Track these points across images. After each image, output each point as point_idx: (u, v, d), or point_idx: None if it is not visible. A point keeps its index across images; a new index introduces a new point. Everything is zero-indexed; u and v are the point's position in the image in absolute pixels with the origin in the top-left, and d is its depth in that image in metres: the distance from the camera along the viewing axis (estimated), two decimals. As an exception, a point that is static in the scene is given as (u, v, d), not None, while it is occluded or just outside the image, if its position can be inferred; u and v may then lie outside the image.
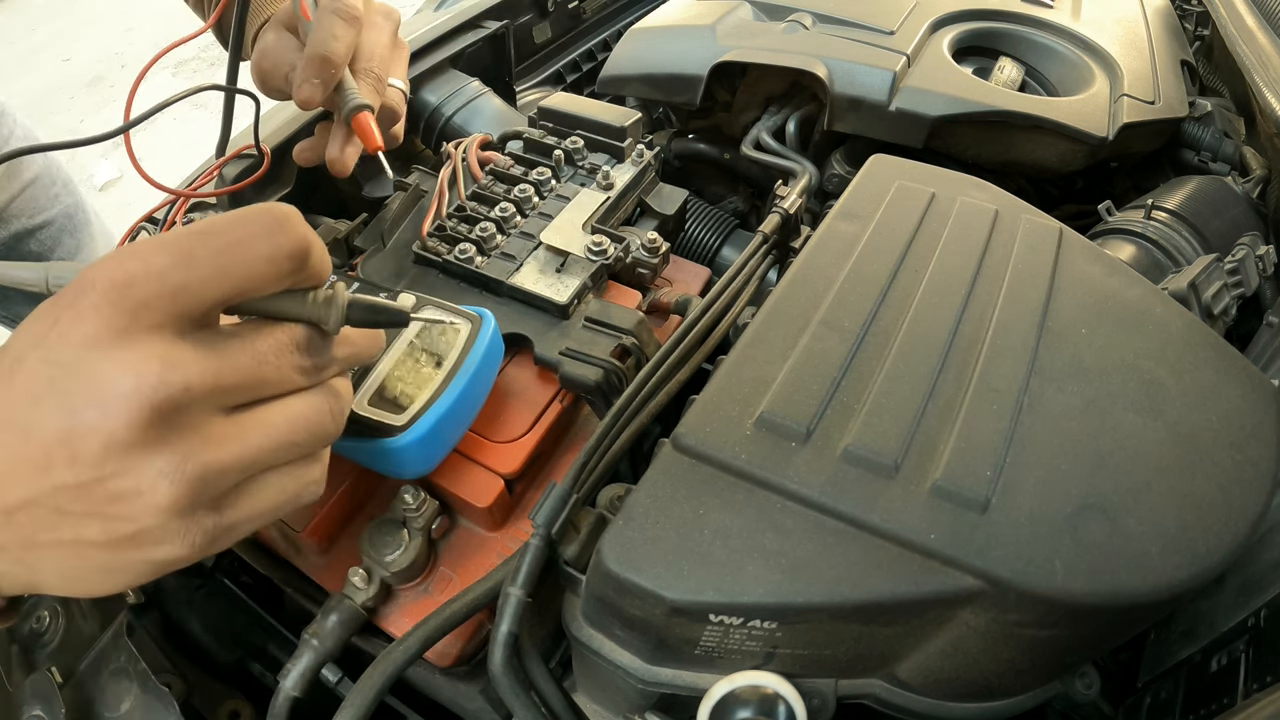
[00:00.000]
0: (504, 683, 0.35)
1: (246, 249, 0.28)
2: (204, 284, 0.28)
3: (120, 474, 0.27)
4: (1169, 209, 0.63)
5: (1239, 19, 0.79)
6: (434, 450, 0.42)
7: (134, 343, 0.26)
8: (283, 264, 0.29)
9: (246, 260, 0.28)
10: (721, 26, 0.76)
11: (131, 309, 0.27)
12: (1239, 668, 0.38)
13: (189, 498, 0.28)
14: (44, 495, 0.27)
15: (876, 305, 0.41)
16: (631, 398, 0.42)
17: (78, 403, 0.26)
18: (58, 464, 0.27)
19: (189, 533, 0.28)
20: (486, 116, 0.75)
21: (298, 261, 0.29)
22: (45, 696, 0.42)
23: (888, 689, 0.38)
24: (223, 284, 0.28)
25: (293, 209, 0.30)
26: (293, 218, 0.30)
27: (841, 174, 0.73)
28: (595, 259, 0.51)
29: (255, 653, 0.55)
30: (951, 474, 0.34)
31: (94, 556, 0.29)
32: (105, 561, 0.29)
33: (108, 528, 0.28)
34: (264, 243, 0.29)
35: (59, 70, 3.38)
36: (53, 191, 0.97)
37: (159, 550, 0.29)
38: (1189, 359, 0.39)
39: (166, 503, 0.27)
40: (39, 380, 0.27)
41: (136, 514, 0.27)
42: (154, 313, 0.27)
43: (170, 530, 0.28)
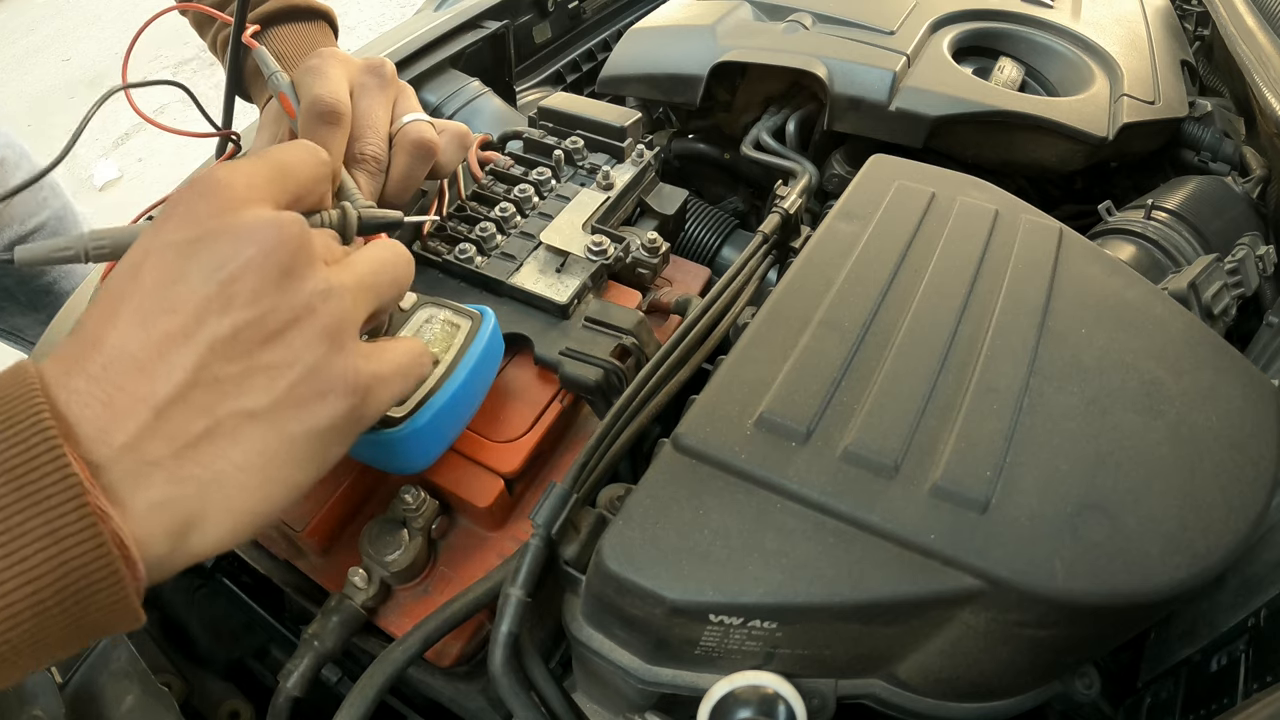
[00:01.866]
0: (504, 683, 0.35)
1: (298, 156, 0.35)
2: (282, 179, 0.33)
3: (276, 308, 0.29)
4: (1169, 209, 0.63)
5: (1239, 19, 0.79)
6: (433, 444, 0.42)
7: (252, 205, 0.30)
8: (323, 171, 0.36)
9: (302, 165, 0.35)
10: (721, 26, 0.76)
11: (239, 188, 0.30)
12: (1239, 668, 0.38)
13: (338, 321, 0.30)
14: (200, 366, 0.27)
15: (876, 305, 0.41)
16: (631, 398, 0.42)
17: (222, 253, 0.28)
18: (211, 316, 0.28)
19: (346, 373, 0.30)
20: (486, 116, 0.75)
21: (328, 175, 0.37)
22: (45, 696, 0.42)
23: (888, 689, 0.38)
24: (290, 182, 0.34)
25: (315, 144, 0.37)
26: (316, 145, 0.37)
27: (841, 174, 0.73)
28: (595, 259, 0.51)
29: (255, 653, 0.55)
30: (951, 474, 0.34)
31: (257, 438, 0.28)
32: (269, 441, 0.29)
33: (269, 382, 0.28)
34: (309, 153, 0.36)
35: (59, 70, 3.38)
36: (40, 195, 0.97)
37: (323, 406, 0.30)
38: (1189, 359, 0.39)
39: (322, 325, 0.30)
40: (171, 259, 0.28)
41: (297, 351, 0.29)
42: (259, 191, 0.31)
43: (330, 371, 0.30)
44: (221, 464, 0.28)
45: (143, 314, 0.28)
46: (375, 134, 0.48)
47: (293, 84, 0.49)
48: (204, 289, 0.28)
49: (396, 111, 0.51)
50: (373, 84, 0.50)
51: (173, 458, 0.27)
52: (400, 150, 0.49)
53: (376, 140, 0.48)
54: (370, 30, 3.43)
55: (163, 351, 0.27)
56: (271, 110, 0.53)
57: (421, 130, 0.50)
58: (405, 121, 0.50)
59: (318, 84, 0.47)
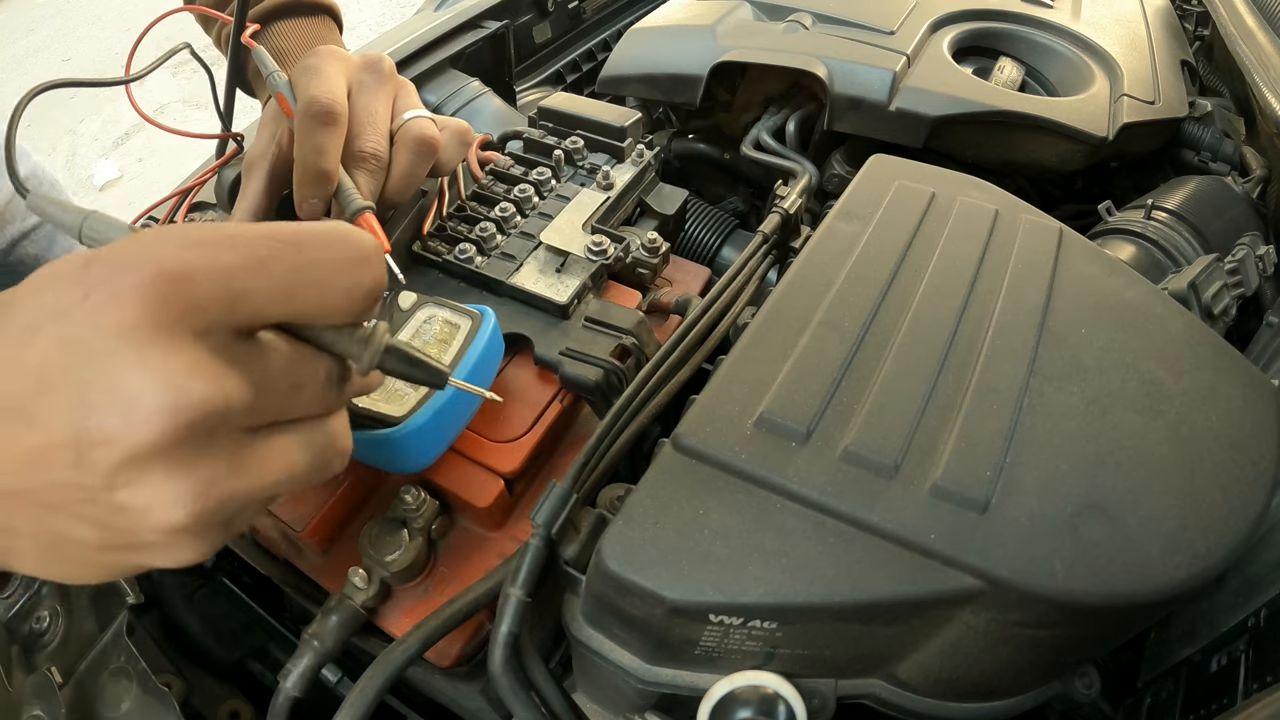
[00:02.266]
0: (504, 683, 0.35)
1: (327, 274, 0.26)
2: (269, 299, 0.25)
3: (131, 488, 0.24)
4: (1169, 209, 0.63)
5: (1239, 19, 0.79)
6: (433, 443, 0.42)
7: (176, 348, 0.23)
8: (358, 302, 0.27)
9: (323, 286, 0.26)
10: (721, 26, 0.76)
11: (182, 308, 0.23)
12: (1239, 668, 0.38)
13: (203, 523, 0.25)
14: (35, 490, 0.24)
15: (876, 305, 0.41)
16: (631, 398, 0.42)
17: (98, 403, 0.23)
18: (59, 464, 0.23)
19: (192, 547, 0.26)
20: (486, 116, 0.75)
21: (372, 302, 0.27)
22: (45, 696, 0.42)
23: (888, 689, 0.38)
24: (289, 305, 0.26)
25: (374, 241, 0.28)
26: (377, 253, 0.27)
27: (841, 174, 0.73)
28: (595, 259, 0.51)
29: (255, 653, 0.55)
30: (951, 474, 0.34)
31: (79, 554, 0.27)
32: (91, 558, 0.27)
33: (103, 535, 0.25)
34: (347, 274, 0.26)
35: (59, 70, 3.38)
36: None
37: (155, 558, 0.27)
38: (1189, 359, 0.39)
39: (178, 526, 0.25)
40: (54, 363, 0.23)
41: (139, 529, 0.25)
42: (205, 317, 0.24)
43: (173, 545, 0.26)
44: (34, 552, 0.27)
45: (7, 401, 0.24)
46: (375, 131, 0.48)
47: (290, 83, 0.49)
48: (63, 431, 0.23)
49: (397, 108, 0.51)
50: (371, 81, 0.49)
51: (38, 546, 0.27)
52: (401, 147, 0.49)
53: (376, 138, 0.48)
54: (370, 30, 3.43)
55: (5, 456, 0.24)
56: (271, 109, 0.53)
57: (423, 127, 0.49)
58: (406, 118, 0.50)
59: (314, 83, 0.47)
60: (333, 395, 0.29)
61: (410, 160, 0.49)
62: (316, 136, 0.45)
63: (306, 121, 0.46)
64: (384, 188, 0.49)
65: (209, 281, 0.24)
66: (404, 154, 0.49)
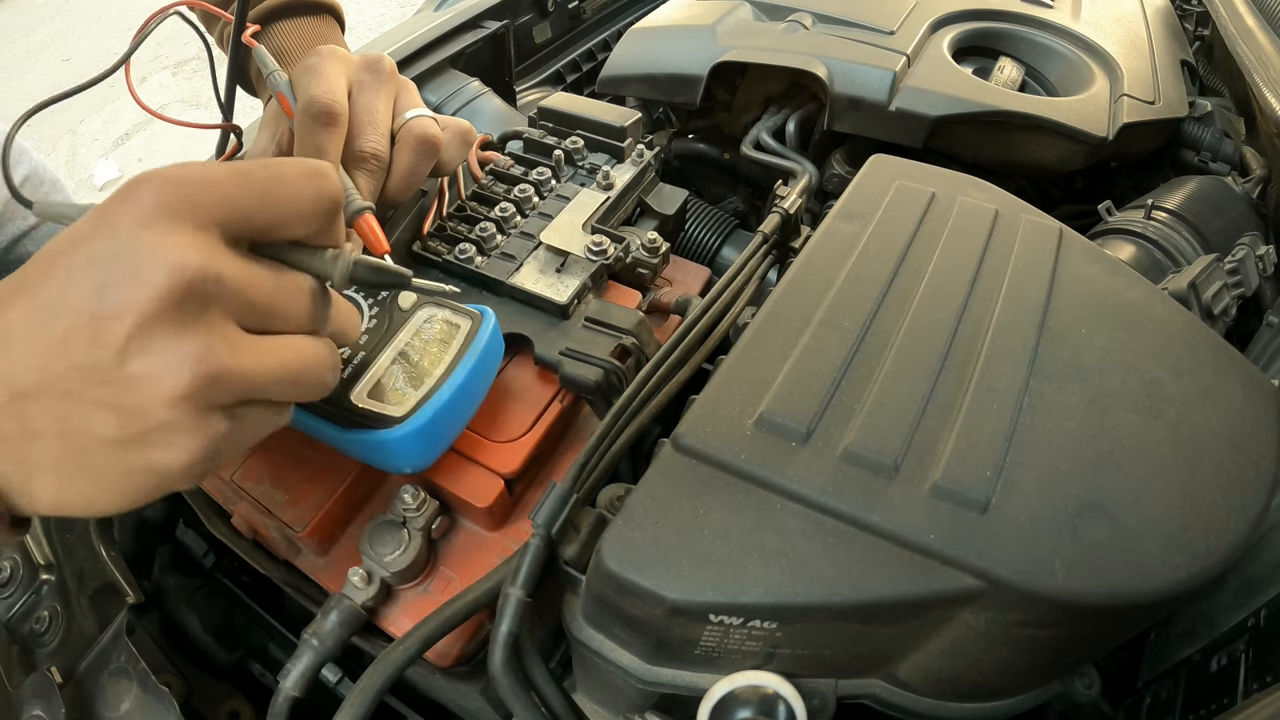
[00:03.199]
0: (504, 683, 0.35)
1: (295, 186, 0.31)
2: (252, 205, 0.30)
3: (141, 354, 0.27)
4: (1169, 209, 0.63)
5: (1239, 19, 0.79)
6: (432, 444, 0.42)
7: (179, 231, 0.28)
8: (321, 207, 0.32)
9: (293, 196, 0.31)
10: (721, 26, 0.76)
11: (186, 202, 0.28)
12: (1239, 668, 0.38)
13: (203, 392, 0.28)
14: (58, 379, 0.27)
15: (876, 305, 0.41)
16: (631, 398, 0.42)
17: (113, 278, 0.27)
18: (79, 343, 0.27)
19: (194, 434, 0.29)
20: (486, 116, 0.75)
21: (332, 211, 0.32)
22: (45, 696, 0.42)
23: (888, 689, 0.38)
24: (268, 212, 0.30)
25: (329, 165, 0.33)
26: (331, 172, 0.33)
27: (841, 174, 0.73)
28: (595, 259, 0.51)
29: (255, 653, 0.55)
30: (951, 474, 0.34)
31: (97, 456, 0.29)
32: (107, 463, 0.29)
33: (118, 419, 0.28)
34: (309, 185, 0.31)
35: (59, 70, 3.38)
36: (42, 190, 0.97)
37: (163, 453, 0.29)
38: (1189, 359, 0.39)
39: (181, 391, 0.27)
40: (77, 262, 0.28)
41: (149, 402, 0.28)
42: (205, 213, 0.29)
43: (177, 427, 0.28)
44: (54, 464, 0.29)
45: (36, 303, 0.28)
46: (375, 131, 0.48)
47: (290, 83, 0.49)
48: (83, 310, 0.27)
49: (398, 107, 0.50)
50: (371, 80, 0.49)
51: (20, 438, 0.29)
52: (403, 146, 0.49)
53: (376, 137, 0.48)
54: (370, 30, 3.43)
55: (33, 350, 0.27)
56: (272, 109, 0.53)
57: (425, 126, 0.49)
58: (408, 117, 0.50)
59: (314, 84, 0.47)
60: (316, 312, 0.33)
61: (411, 159, 0.49)
62: (316, 137, 0.45)
63: (306, 121, 0.46)
64: (385, 187, 0.49)
65: (204, 186, 0.29)
66: (405, 153, 0.49)
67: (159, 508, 0.57)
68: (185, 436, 0.29)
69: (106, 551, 0.49)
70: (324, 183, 0.32)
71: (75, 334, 0.27)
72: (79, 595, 0.48)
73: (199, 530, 0.56)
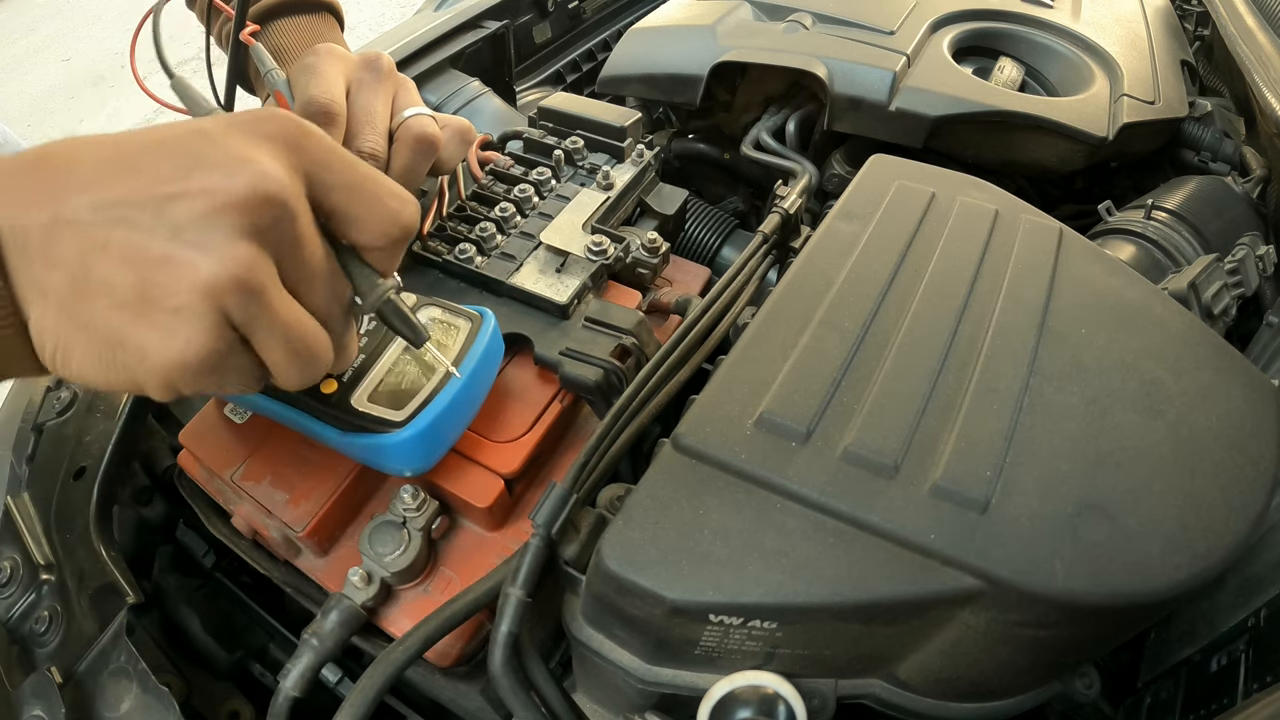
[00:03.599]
0: (504, 683, 0.35)
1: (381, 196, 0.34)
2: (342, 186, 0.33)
3: (198, 236, 0.28)
4: (1169, 209, 0.63)
5: (1239, 19, 0.79)
6: (433, 447, 0.42)
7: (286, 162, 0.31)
8: (391, 231, 0.35)
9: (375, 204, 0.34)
10: (721, 26, 0.76)
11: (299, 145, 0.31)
12: (1239, 668, 0.38)
13: (230, 297, 0.29)
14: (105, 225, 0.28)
15: (876, 305, 0.41)
16: (631, 398, 0.42)
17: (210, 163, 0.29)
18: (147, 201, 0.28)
19: (198, 333, 0.29)
20: (486, 116, 0.75)
21: (399, 238, 0.35)
22: (45, 696, 0.42)
23: (888, 689, 0.38)
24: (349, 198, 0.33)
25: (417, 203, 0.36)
26: (416, 208, 0.36)
27: (841, 174, 0.73)
28: (595, 259, 0.51)
29: (255, 653, 0.55)
30: (951, 474, 0.34)
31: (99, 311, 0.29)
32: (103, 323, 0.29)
33: (139, 285, 0.28)
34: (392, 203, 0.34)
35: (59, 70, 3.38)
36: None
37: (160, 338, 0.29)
38: (1189, 359, 0.39)
39: (214, 284, 0.28)
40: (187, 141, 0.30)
41: (178, 282, 0.28)
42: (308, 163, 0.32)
43: (187, 317, 0.29)
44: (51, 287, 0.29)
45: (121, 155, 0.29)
46: (373, 130, 0.48)
47: (289, 82, 0.49)
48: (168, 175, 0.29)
49: (397, 106, 0.50)
50: (370, 79, 0.49)
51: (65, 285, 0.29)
52: (401, 145, 0.49)
53: (374, 137, 0.48)
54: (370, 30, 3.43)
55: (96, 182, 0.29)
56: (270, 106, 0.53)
57: (423, 125, 0.49)
58: (406, 116, 0.49)
59: (312, 83, 0.47)
60: (338, 313, 0.35)
61: (410, 158, 0.49)
62: None
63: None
64: None
65: (318, 144, 0.32)
66: (403, 152, 0.49)
67: (159, 508, 0.57)
68: (189, 330, 0.29)
69: (106, 551, 0.49)
70: (405, 209, 0.35)
71: (147, 191, 0.28)
72: (79, 595, 0.48)
73: (199, 530, 0.56)
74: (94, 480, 0.52)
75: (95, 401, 0.57)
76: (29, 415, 0.58)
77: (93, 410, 0.57)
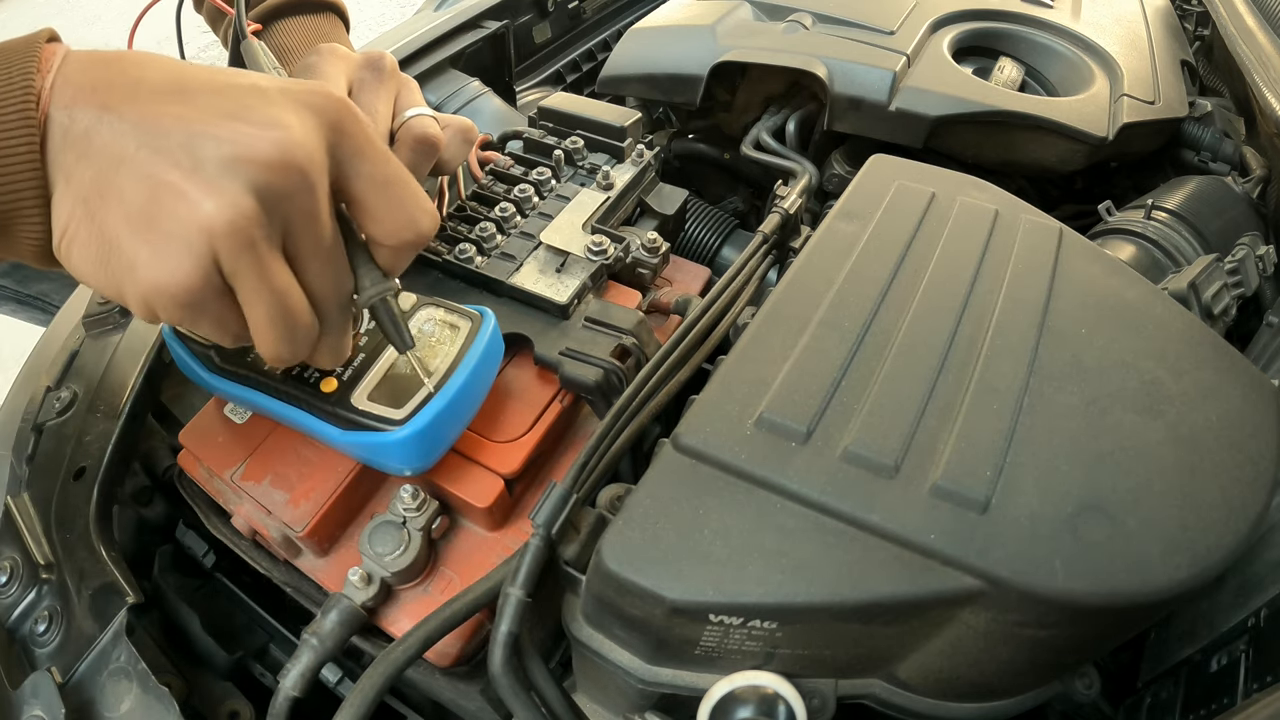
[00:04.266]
0: (504, 683, 0.35)
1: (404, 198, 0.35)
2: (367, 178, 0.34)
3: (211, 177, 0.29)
4: (1169, 209, 0.63)
5: (1239, 19, 0.79)
6: (433, 446, 0.42)
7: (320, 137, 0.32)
8: (403, 231, 0.36)
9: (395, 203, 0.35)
10: (721, 26, 0.76)
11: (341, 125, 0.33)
12: (1239, 668, 0.38)
13: (225, 243, 0.30)
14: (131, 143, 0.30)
15: (876, 305, 0.41)
16: (631, 398, 0.42)
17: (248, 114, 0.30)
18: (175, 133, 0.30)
19: (188, 268, 0.30)
20: (486, 116, 0.75)
21: (410, 244, 0.36)
22: (45, 696, 0.42)
23: (888, 689, 0.38)
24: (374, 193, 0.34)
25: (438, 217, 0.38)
26: (435, 222, 0.37)
27: (841, 174, 0.73)
28: (595, 259, 0.51)
29: (255, 653, 0.55)
30: (951, 474, 0.34)
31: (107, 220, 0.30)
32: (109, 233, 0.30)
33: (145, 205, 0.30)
34: (413, 210, 0.35)
35: (59, 70, 3.38)
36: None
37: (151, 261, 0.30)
38: (1189, 359, 0.39)
39: (213, 226, 0.29)
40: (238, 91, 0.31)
41: (179, 213, 0.30)
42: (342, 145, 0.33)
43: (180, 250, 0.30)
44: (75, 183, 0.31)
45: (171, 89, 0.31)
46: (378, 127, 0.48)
47: None
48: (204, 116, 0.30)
49: (399, 106, 0.50)
50: (372, 79, 0.49)
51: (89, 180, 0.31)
52: (402, 146, 0.49)
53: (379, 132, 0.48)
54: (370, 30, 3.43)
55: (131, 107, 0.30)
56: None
57: (425, 125, 0.49)
58: (408, 116, 0.49)
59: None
60: (335, 301, 0.36)
61: (411, 159, 0.49)
62: None
63: None
64: None
65: (361, 130, 0.33)
66: (404, 152, 0.49)
67: (159, 508, 0.57)
68: (177, 259, 0.30)
69: (106, 551, 0.49)
70: (425, 219, 0.36)
71: (186, 123, 0.30)
72: (79, 595, 0.48)
73: (199, 530, 0.56)
74: (94, 480, 0.52)
75: (95, 401, 0.57)
76: (29, 415, 0.58)
77: (93, 410, 0.57)
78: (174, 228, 0.30)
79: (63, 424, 0.57)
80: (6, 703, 0.43)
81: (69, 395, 0.58)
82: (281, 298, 0.33)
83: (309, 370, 0.43)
